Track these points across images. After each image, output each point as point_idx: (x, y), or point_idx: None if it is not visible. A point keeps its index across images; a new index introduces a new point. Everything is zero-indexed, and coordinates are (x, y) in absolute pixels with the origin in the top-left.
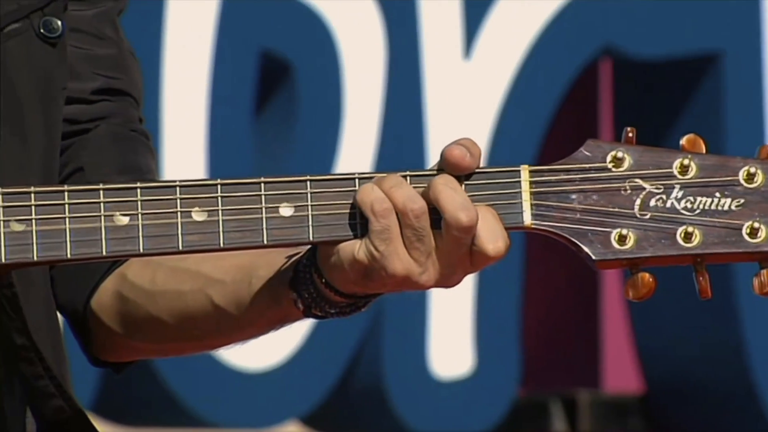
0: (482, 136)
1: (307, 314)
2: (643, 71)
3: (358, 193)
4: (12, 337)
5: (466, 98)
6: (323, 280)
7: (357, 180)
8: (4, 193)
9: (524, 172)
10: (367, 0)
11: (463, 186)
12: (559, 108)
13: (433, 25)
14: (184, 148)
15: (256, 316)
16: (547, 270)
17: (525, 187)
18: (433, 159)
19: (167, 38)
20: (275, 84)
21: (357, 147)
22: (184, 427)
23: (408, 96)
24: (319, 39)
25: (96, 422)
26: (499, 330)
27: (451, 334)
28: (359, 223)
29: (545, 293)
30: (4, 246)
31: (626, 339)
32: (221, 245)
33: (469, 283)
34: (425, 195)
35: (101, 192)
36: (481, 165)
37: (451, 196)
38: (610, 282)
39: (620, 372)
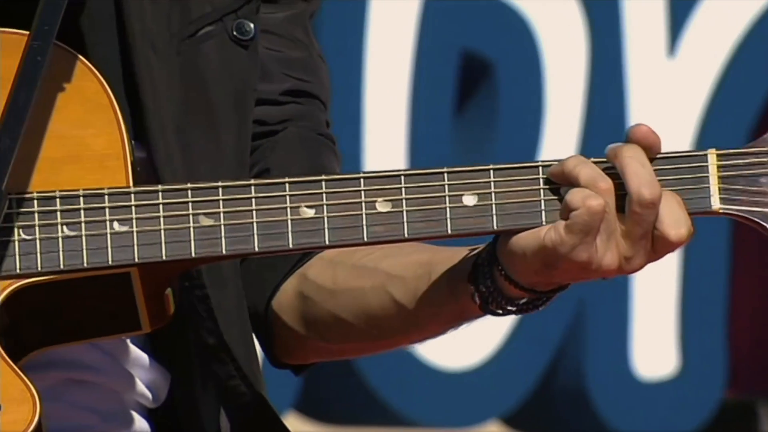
0: (687, 136)
1: (484, 309)
2: None
3: (570, 195)
4: (204, 337)
5: (671, 97)
6: (503, 273)
7: (540, 168)
8: (193, 189)
9: (712, 156)
10: None
11: None
12: (767, 107)
13: (637, 23)
14: (386, 147)
15: (434, 312)
16: (755, 267)
17: (713, 171)
18: None
19: (370, 38)
20: (476, 83)
21: (559, 147)
22: (385, 426)
23: (611, 95)
24: (521, 38)
25: (299, 421)
26: (705, 330)
27: (655, 334)
28: (544, 210)
29: (754, 291)
30: (194, 240)
31: None
32: (405, 235)
33: (673, 281)
34: (611, 157)
35: (287, 185)
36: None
37: (638, 170)
38: None
39: None
